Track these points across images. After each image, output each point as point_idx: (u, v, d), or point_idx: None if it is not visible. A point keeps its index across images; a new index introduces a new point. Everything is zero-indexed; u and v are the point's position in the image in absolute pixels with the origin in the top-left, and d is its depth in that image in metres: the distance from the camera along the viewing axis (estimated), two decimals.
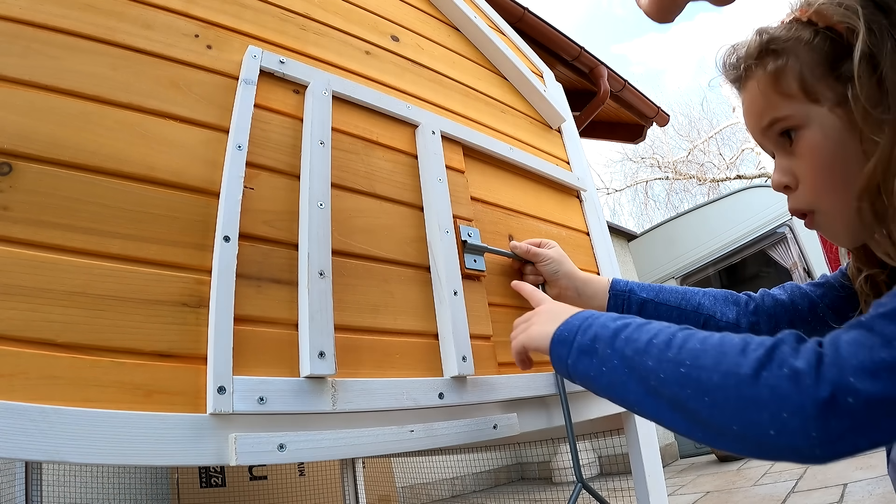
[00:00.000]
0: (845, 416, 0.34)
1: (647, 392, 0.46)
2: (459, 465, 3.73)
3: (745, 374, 0.38)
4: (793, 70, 0.47)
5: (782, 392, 0.36)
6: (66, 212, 0.52)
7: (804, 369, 0.36)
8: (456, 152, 0.92)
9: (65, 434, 0.44)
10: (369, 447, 0.61)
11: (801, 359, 0.36)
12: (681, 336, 0.45)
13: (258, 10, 0.80)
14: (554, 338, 0.56)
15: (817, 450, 0.35)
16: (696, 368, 0.41)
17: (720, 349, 0.41)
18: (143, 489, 2.22)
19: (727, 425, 0.39)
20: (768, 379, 0.37)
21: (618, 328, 0.50)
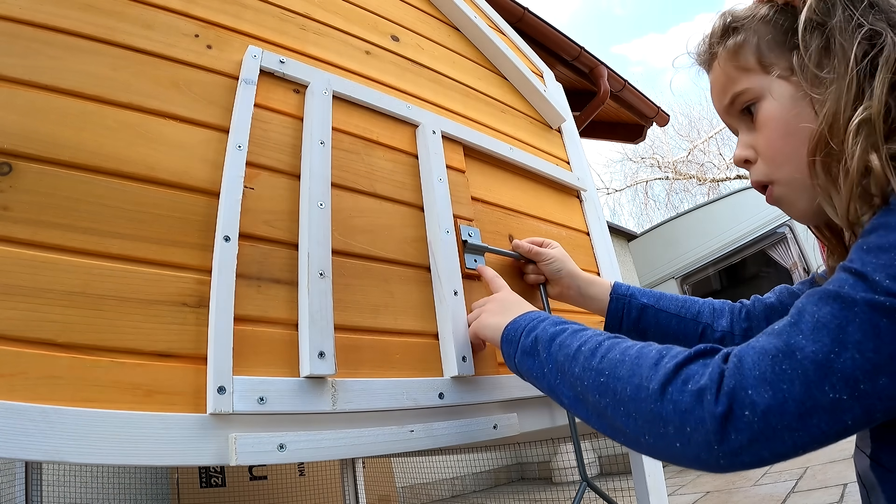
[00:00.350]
0: (744, 429, 0.35)
1: (575, 398, 0.48)
2: (459, 465, 3.73)
3: (653, 388, 0.39)
4: (750, 44, 0.49)
5: (684, 407, 0.37)
6: (66, 212, 0.52)
7: (706, 385, 0.37)
8: (456, 152, 0.92)
9: (65, 434, 0.44)
10: (369, 447, 0.61)
11: (706, 374, 0.38)
12: (606, 345, 0.47)
13: (258, 10, 0.80)
14: (503, 336, 0.60)
15: (721, 461, 0.36)
16: (613, 379, 0.43)
17: (636, 361, 0.43)
18: (143, 489, 2.22)
19: (640, 435, 0.41)
20: (673, 394, 0.38)
21: (555, 333, 0.53)
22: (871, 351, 0.33)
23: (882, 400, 0.33)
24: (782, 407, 0.34)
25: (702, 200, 7.68)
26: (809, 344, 0.35)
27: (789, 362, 0.35)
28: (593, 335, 0.50)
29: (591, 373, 0.46)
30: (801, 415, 0.34)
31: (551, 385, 0.51)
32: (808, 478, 2.44)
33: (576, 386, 0.47)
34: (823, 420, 0.34)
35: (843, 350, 0.34)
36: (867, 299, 0.34)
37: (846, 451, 2.73)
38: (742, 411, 0.35)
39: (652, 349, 0.43)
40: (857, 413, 0.34)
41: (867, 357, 0.33)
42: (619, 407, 0.42)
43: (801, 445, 0.35)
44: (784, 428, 0.34)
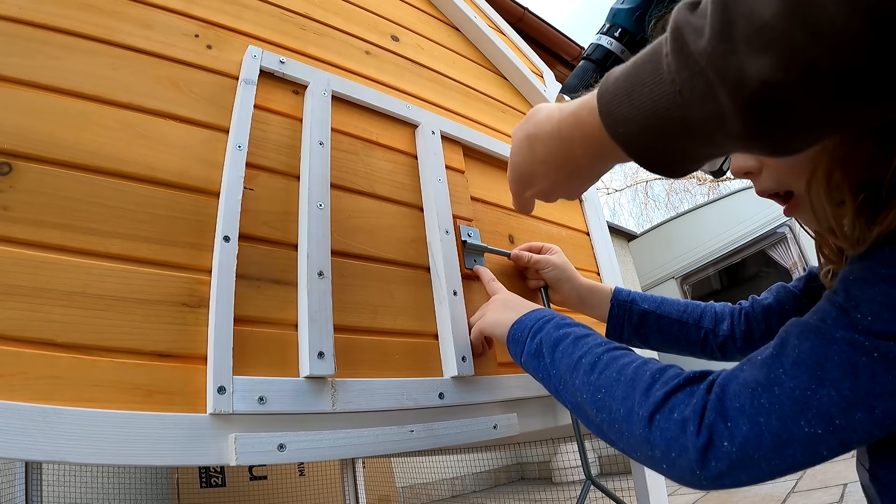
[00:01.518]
0: (723, 458, 0.37)
1: (576, 405, 0.50)
2: (459, 465, 3.73)
3: (643, 415, 0.41)
4: None
5: (670, 435, 0.39)
6: (66, 212, 0.52)
7: (689, 416, 0.39)
8: (456, 152, 0.92)
9: (65, 434, 0.44)
10: (369, 447, 0.61)
11: (690, 405, 0.39)
12: (605, 360, 0.48)
13: (258, 10, 0.80)
14: (509, 335, 0.61)
15: (704, 483, 0.39)
16: (609, 397, 0.45)
17: (631, 383, 0.44)
18: (143, 489, 2.22)
19: (632, 452, 0.43)
20: (660, 422, 0.40)
21: (558, 338, 0.54)
22: (848, 389, 0.34)
23: (857, 433, 0.34)
24: (759, 439, 0.36)
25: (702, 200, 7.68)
26: (788, 379, 0.36)
27: (767, 396, 0.36)
28: (594, 345, 0.51)
29: (589, 387, 0.47)
30: (777, 447, 0.36)
31: (556, 389, 0.53)
32: (808, 478, 2.44)
33: (576, 396, 0.49)
34: (798, 451, 0.35)
35: (820, 387, 0.35)
36: (847, 338, 0.35)
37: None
38: (721, 442, 0.37)
39: (647, 371, 0.45)
40: (833, 445, 0.35)
41: (843, 395, 0.34)
42: (613, 424, 0.44)
43: (777, 472, 0.37)
44: (761, 458, 0.36)
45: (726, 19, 0.28)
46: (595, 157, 0.44)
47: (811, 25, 0.25)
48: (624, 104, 0.36)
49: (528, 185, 0.53)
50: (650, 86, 0.34)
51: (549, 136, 0.47)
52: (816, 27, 0.25)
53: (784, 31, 0.26)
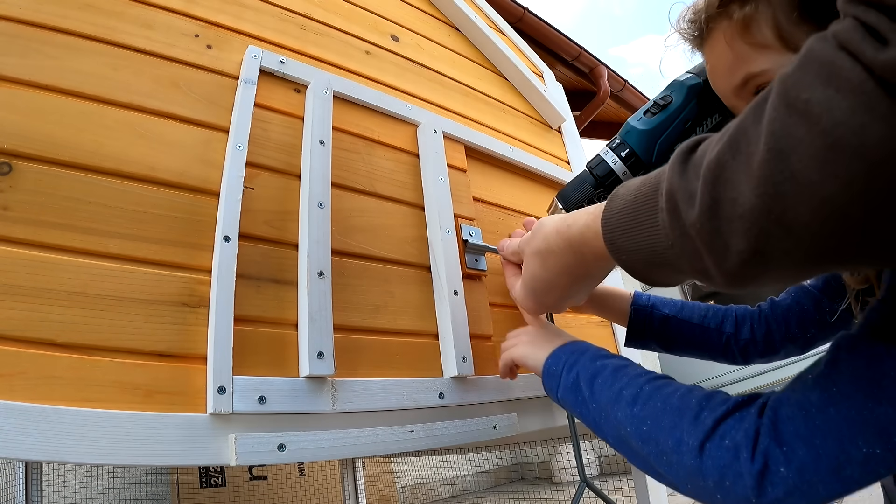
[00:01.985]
0: (780, 483, 0.36)
1: (618, 439, 0.48)
2: (459, 465, 3.73)
3: (693, 444, 0.40)
4: (765, 16, 0.42)
5: (723, 463, 0.38)
6: (65, 212, 0.52)
7: (741, 442, 0.38)
8: (458, 151, 0.92)
9: (65, 434, 0.44)
10: (369, 447, 0.60)
11: (742, 430, 0.38)
12: (647, 391, 0.47)
13: (258, 10, 0.80)
14: (544, 370, 0.58)
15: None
16: (655, 429, 0.44)
17: (678, 413, 0.43)
18: (143, 489, 2.22)
19: (682, 484, 0.42)
20: (711, 451, 0.39)
21: (596, 371, 0.52)
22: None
23: None
24: (816, 463, 0.35)
25: None
26: (843, 399, 0.35)
27: (822, 417, 0.35)
28: (634, 376, 0.49)
29: (633, 420, 0.46)
30: (835, 469, 0.34)
31: (595, 423, 0.51)
32: None
33: (619, 430, 0.47)
34: (856, 472, 0.34)
35: (877, 405, 0.34)
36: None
37: None
38: (777, 467, 0.36)
39: (693, 398, 0.43)
40: (891, 463, 0.34)
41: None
42: (661, 457, 0.42)
43: (834, 494, 0.36)
44: (818, 481, 0.35)
45: (714, 198, 0.31)
46: (605, 268, 0.51)
47: (786, 226, 0.28)
48: (626, 238, 0.40)
49: (542, 294, 0.57)
50: (648, 228, 0.37)
51: (562, 252, 0.51)
52: (790, 229, 0.28)
53: (762, 227, 0.29)
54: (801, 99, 0.26)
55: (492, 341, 0.79)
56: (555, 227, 0.52)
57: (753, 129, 0.29)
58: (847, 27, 0.25)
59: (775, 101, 0.28)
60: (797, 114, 0.26)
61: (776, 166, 0.27)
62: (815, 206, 0.26)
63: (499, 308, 0.85)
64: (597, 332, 1.02)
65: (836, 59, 0.25)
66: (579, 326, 0.98)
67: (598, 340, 1.01)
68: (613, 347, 1.04)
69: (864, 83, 0.24)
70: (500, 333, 0.82)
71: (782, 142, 0.27)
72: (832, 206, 0.26)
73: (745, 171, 0.29)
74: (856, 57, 0.24)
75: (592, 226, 0.45)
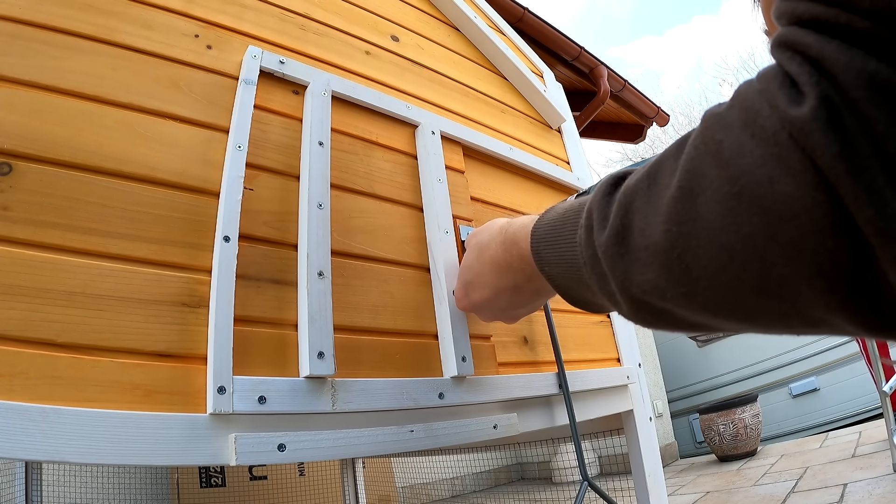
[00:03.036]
0: None
1: None
2: (459, 465, 3.73)
3: None
4: None
5: None
6: (66, 212, 0.52)
7: None
8: (456, 152, 0.92)
9: (65, 434, 0.44)
10: (369, 447, 0.61)
11: None
12: None
13: (258, 10, 0.80)
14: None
15: None
16: None
17: None
18: (143, 489, 2.22)
19: None
20: None
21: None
22: None
23: None
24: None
25: None
26: None
27: None
28: None
29: None
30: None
31: None
32: (808, 478, 2.44)
33: None
34: None
35: None
36: None
37: (846, 452, 2.73)
38: None
39: None
40: None
41: None
42: None
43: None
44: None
45: (624, 224, 0.30)
46: (528, 276, 0.49)
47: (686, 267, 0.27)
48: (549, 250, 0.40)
49: (472, 288, 0.58)
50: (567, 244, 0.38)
51: (496, 246, 0.52)
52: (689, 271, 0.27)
53: (664, 262, 0.28)
54: (715, 139, 0.25)
55: (491, 341, 0.80)
56: (499, 224, 0.53)
57: (672, 162, 0.28)
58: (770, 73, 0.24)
59: (696, 138, 0.27)
60: (711, 154, 0.25)
61: (682, 206, 0.26)
62: (714, 252, 0.25)
63: None
64: (597, 331, 1.02)
65: (756, 104, 0.23)
66: (579, 326, 0.98)
67: (599, 340, 1.01)
68: (614, 348, 1.04)
69: (778, 133, 0.22)
70: (500, 333, 0.82)
71: (693, 181, 0.26)
72: (730, 256, 0.24)
73: (655, 203, 0.28)
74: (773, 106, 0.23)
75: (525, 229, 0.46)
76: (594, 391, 0.91)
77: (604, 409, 0.92)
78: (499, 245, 0.52)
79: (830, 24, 0.21)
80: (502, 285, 0.54)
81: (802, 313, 0.24)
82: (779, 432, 4.72)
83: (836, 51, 0.21)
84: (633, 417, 0.99)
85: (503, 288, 0.54)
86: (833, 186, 0.21)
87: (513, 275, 0.52)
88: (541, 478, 4.25)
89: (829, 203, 0.21)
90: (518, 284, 0.52)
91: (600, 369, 0.95)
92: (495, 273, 0.54)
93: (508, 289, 0.54)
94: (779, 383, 4.88)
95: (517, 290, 0.54)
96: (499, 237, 0.53)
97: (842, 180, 0.20)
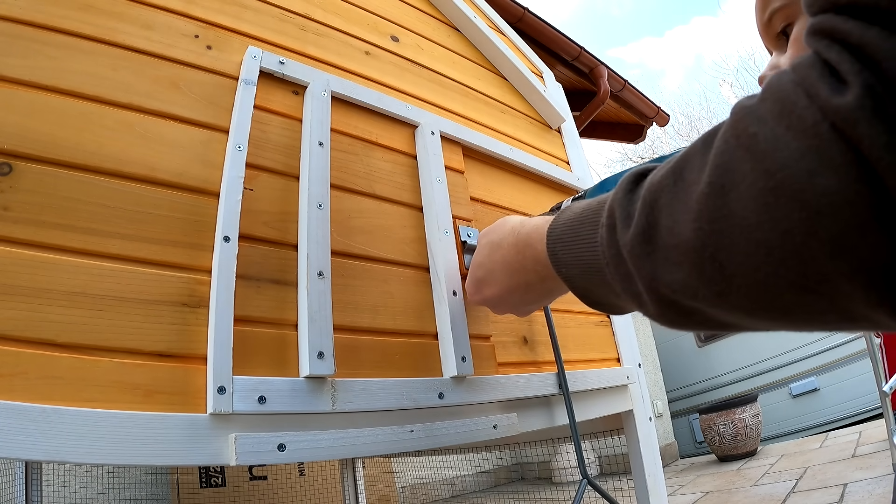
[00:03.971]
0: None
1: None
2: (459, 465, 3.73)
3: None
4: None
5: None
6: (66, 212, 0.52)
7: None
8: (455, 152, 0.92)
9: (65, 434, 0.44)
10: (369, 447, 0.61)
11: None
12: None
13: (258, 11, 0.80)
14: None
15: None
16: None
17: None
18: (143, 489, 2.22)
19: None
20: None
21: None
22: None
23: None
24: None
25: None
26: None
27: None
28: None
29: None
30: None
31: None
32: (808, 478, 2.44)
33: None
34: None
35: None
36: None
37: (846, 452, 2.73)
38: None
39: None
40: None
41: None
42: None
43: None
44: None
45: (650, 222, 0.29)
46: (542, 277, 0.48)
47: (719, 265, 0.26)
48: (566, 251, 0.39)
49: (483, 285, 0.57)
50: (587, 244, 0.36)
51: (509, 247, 0.51)
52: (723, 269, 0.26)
53: (695, 262, 0.27)
54: (748, 132, 0.24)
55: (491, 341, 0.80)
56: (511, 224, 0.52)
57: (700, 157, 0.27)
58: (806, 62, 0.23)
59: (726, 132, 0.26)
60: (743, 148, 0.24)
61: (714, 202, 0.25)
62: (750, 250, 0.24)
63: None
64: (597, 331, 1.02)
65: (792, 95, 0.23)
66: (579, 326, 0.98)
67: (599, 340, 1.01)
68: (614, 348, 1.04)
69: (818, 125, 0.21)
70: (500, 333, 0.82)
71: (725, 176, 0.25)
72: (767, 253, 0.24)
73: (683, 201, 0.27)
74: (812, 97, 0.22)
75: (540, 230, 0.45)
76: (594, 391, 0.91)
77: (604, 409, 0.92)
78: (511, 246, 0.51)
79: (870, 9, 0.20)
80: (514, 284, 0.53)
81: (842, 309, 0.24)
82: (779, 432, 4.72)
83: (877, 37, 0.20)
84: (632, 417, 0.99)
85: (514, 287, 0.53)
86: (881, 178, 0.20)
87: (525, 275, 0.51)
88: (541, 478, 4.25)
89: (872, 196, 0.20)
90: (530, 284, 0.51)
91: (600, 369, 0.95)
92: (507, 273, 0.53)
93: (520, 288, 0.53)
94: (779, 383, 4.87)
95: (529, 289, 0.53)
96: (511, 237, 0.51)
97: (892, 172, 0.19)
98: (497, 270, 0.54)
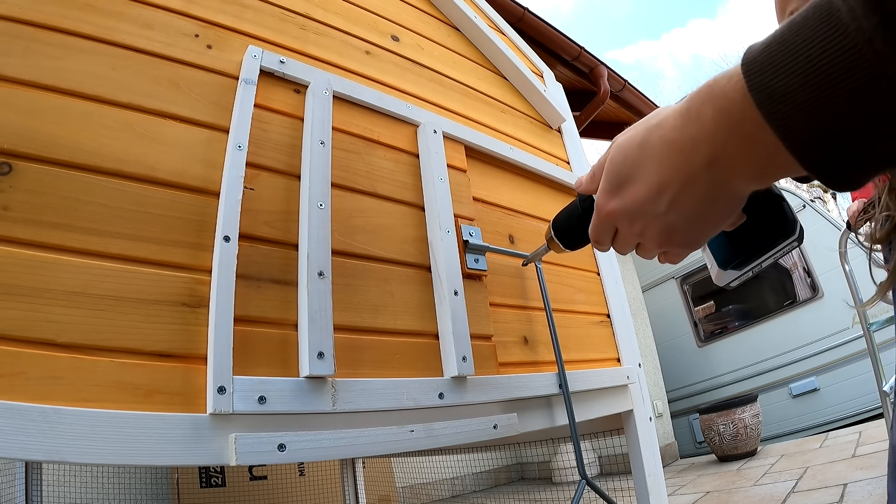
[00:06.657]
0: None
1: None
2: (459, 465, 3.73)
3: None
4: None
5: None
6: (66, 211, 0.52)
7: None
8: (458, 151, 0.92)
9: (65, 434, 0.44)
10: (369, 447, 0.60)
11: None
12: None
13: (258, 10, 0.80)
14: None
15: None
16: None
17: None
18: (143, 489, 2.22)
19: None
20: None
21: None
22: None
23: None
24: None
25: None
26: None
27: None
28: None
29: None
30: None
31: None
32: (808, 478, 2.44)
33: None
34: None
35: None
36: None
37: (846, 452, 2.73)
38: None
39: None
40: None
41: None
42: None
43: None
44: None
45: None
46: (734, 145, 0.32)
47: None
48: (783, 73, 0.27)
49: (627, 183, 0.40)
50: (821, 43, 0.25)
51: (673, 121, 0.36)
52: None
53: None
54: None
55: (492, 341, 0.80)
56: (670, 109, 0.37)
57: None
58: None
59: None
60: None
61: None
62: None
63: (499, 308, 0.85)
64: (597, 331, 1.02)
65: None
66: (579, 326, 0.98)
67: (599, 340, 1.01)
68: (614, 348, 1.04)
69: None
70: (501, 333, 0.82)
71: None
72: None
73: None
74: None
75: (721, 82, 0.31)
76: (594, 391, 0.91)
77: (604, 409, 0.92)
78: (677, 118, 0.35)
79: None
80: (669, 178, 0.37)
81: None
82: (779, 432, 4.72)
83: None
84: (633, 417, 0.99)
85: (669, 183, 0.37)
86: None
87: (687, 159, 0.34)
88: (541, 478, 4.25)
89: None
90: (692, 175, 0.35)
91: (600, 369, 0.95)
92: (664, 160, 0.36)
93: (677, 183, 0.36)
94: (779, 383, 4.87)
95: (688, 185, 0.36)
96: (675, 109, 0.35)
97: None
98: (650, 158, 0.38)
